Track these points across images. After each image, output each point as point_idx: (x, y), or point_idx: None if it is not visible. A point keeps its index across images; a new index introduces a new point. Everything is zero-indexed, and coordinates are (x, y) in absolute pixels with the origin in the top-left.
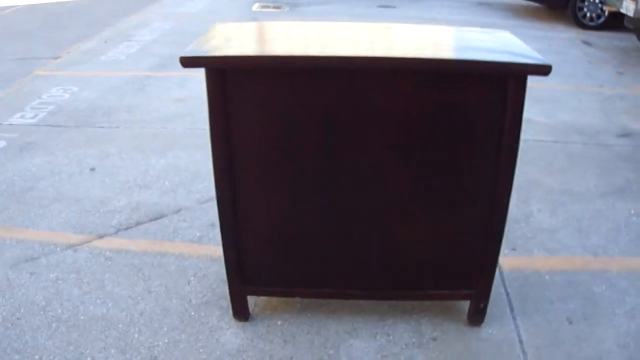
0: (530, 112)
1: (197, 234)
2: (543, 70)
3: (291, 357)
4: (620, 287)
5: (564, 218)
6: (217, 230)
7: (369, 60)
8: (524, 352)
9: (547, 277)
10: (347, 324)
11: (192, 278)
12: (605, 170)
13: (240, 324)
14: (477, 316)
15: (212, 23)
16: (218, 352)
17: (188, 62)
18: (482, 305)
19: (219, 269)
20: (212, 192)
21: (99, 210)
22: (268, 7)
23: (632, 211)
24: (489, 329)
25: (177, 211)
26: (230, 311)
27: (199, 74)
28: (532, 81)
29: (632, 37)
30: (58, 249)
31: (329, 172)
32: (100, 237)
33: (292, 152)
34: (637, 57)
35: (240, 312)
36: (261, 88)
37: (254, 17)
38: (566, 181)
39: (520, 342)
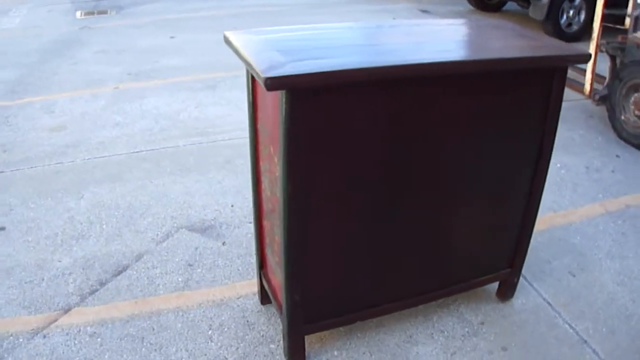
0: None
1: (179, 279)
2: (584, 59)
3: None
4: (589, 235)
5: None
6: (199, 270)
7: (457, 64)
8: (557, 312)
9: (531, 240)
10: (400, 334)
11: (210, 332)
12: None
13: None
14: (510, 291)
15: (41, 37)
16: None
17: (276, 84)
18: (516, 280)
19: (233, 314)
20: (165, 228)
21: (42, 278)
22: (92, 13)
23: (558, 165)
24: (518, 301)
25: (139, 258)
26: (278, 357)
27: (67, 95)
28: None
29: (463, 2)
30: (21, 339)
31: (395, 181)
32: (66, 310)
33: (365, 170)
34: None
35: (298, 355)
36: (345, 105)
37: (85, 25)
38: None
39: (549, 304)
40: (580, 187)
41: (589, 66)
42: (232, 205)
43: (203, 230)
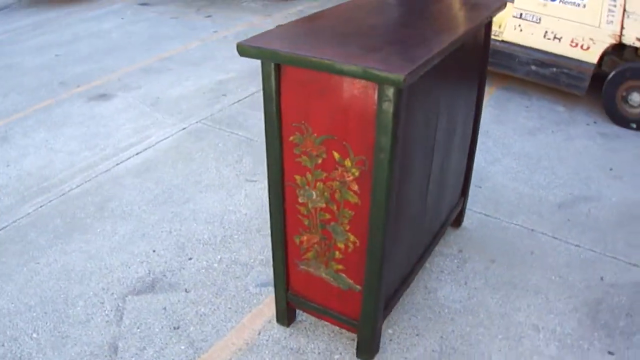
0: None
1: (182, 347)
2: (504, 6)
3: (441, 336)
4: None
5: None
6: (192, 328)
7: (471, 29)
8: (496, 218)
9: None
10: (419, 289)
11: None
12: None
13: None
14: (461, 217)
15: None
16: None
17: (409, 79)
18: (465, 205)
19: (271, 350)
20: (109, 305)
21: None
22: None
23: None
24: (466, 223)
25: (115, 349)
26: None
27: None
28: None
29: None
30: None
31: (435, 136)
32: None
33: (426, 137)
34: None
35: (377, 348)
36: (421, 83)
37: None
38: None
39: (486, 215)
40: None
41: None
42: (153, 251)
43: (151, 288)
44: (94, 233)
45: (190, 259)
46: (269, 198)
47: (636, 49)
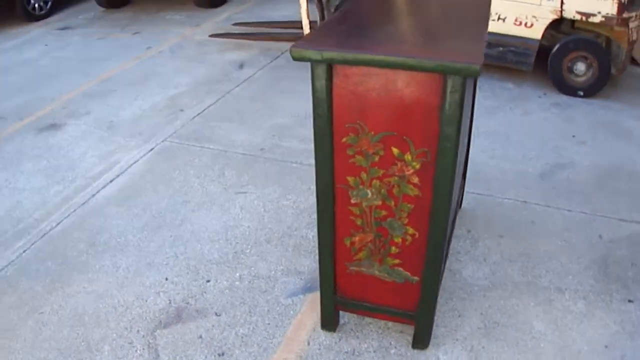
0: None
1: None
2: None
3: (481, 313)
4: None
5: None
6: (237, 351)
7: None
8: (488, 195)
9: None
10: (447, 273)
11: None
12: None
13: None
14: (462, 199)
15: None
16: None
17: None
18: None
19: (326, 357)
20: (139, 344)
21: None
22: None
23: None
24: (464, 205)
25: None
26: (410, 352)
27: None
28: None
29: (92, 7)
30: None
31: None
32: None
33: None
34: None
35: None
36: None
37: None
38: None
39: (479, 194)
40: None
41: (304, 14)
42: (166, 279)
43: (179, 318)
44: (94, 270)
45: (208, 281)
46: (317, 203)
47: (573, 22)
